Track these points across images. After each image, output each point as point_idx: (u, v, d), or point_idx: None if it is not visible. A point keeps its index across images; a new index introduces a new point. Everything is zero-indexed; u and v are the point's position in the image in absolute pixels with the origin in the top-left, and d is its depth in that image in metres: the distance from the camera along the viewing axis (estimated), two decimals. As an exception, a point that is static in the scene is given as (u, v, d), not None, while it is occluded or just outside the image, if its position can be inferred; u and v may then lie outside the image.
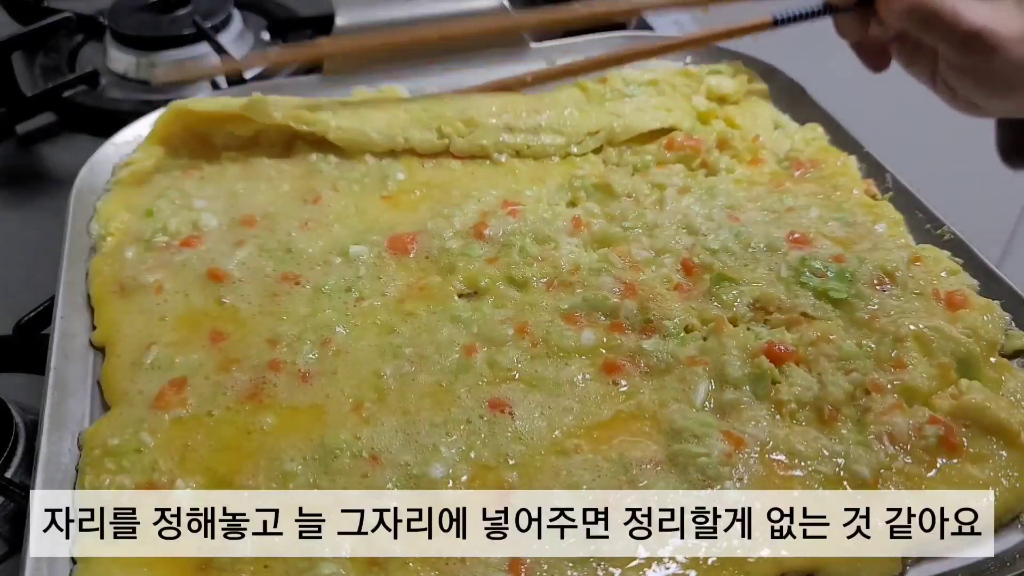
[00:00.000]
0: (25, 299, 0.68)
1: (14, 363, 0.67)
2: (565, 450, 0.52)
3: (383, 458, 0.52)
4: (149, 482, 0.52)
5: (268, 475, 0.52)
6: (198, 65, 0.98)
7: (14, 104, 0.94)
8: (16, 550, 0.53)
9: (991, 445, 0.53)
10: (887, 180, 0.72)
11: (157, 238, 0.67)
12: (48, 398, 0.56)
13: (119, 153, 0.77)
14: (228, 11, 1.04)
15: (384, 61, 0.86)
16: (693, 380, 0.55)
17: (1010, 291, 0.62)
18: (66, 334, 0.61)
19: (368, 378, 0.57)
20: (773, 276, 0.62)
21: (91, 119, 0.95)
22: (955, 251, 0.65)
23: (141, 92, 0.99)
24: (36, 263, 0.75)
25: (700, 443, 0.51)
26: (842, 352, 0.56)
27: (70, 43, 1.08)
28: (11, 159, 0.94)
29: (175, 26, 1.00)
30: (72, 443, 0.55)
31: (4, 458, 0.57)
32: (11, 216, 0.86)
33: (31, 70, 1.03)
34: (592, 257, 0.64)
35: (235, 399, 0.56)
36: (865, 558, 0.48)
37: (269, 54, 1.00)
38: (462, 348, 0.58)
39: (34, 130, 0.96)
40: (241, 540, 0.49)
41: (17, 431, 0.59)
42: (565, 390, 0.55)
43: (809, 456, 0.52)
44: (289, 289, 0.63)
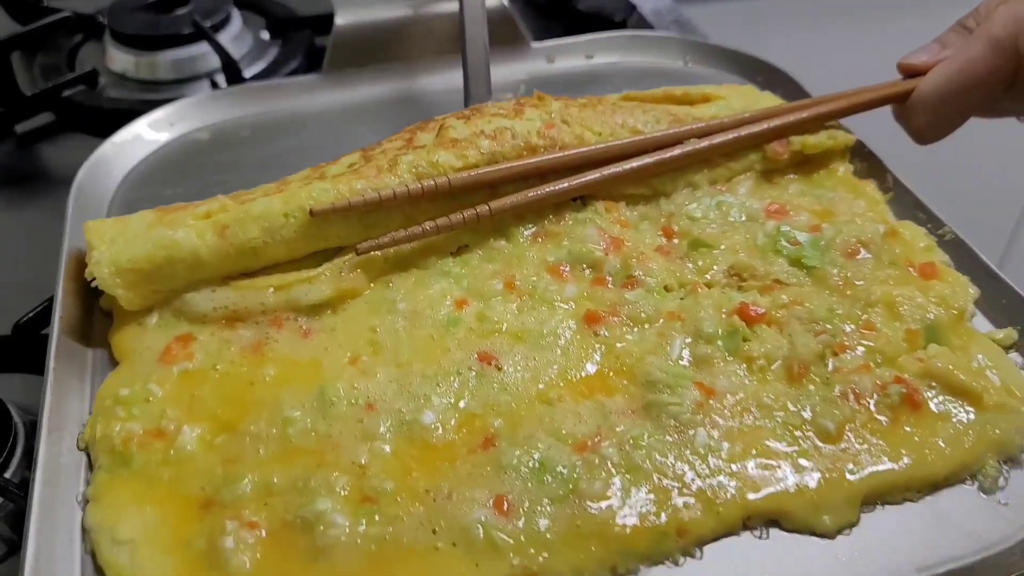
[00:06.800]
0: (24, 299, 0.68)
1: (13, 363, 0.66)
2: (549, 400, 0.55)
3: (378, 406, 0.55)
4: (157, 428, 0.55)
5: (269, 421, 0.55)
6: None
7: (13, 104, 0.94)
8: (16, 550, 0.54)
9: (953, 405, 0.55)
10: (888, 180, 0.73)
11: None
12: (47, 398, 0.55)
13: (118, 153, 0.78)
14: (227, 11, 1.05)
15: (385, 61, 0.87)
16: (670, 335, 0.59)
17: (1010, 291, 0.62)
18: (65, 334, 0.60)
19: (364, 333, 0.60)
20: (749, 244, 0.65)
21: (90, 119, 0.95)
22: (955, 251, 0.66)
23: (140, 91, 0.99)
24: (35, 263, 0.74)
25: (673, 393, 0.55)
26: (812, 315, 0.59)
27: (69, 43, 1.08)
28: (10, 159, 0.94)
29: (174, 25, 1.01)
30: (71, 443, 0.55)
31: (3, 458, 0.56)
32: (10, 216, 0.86)
33: (30, 70, 1.03)
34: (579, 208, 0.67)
35: (239, 353, 0.59)
36: (824, 502, 0.51)
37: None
38: (454, 302, 0.61)
39: (33, 130, 0.96)
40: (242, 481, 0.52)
41: (16, 431, 0.58)
42: (549, 342, 0.59)
43: (777, 408, 0.55)
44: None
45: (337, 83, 0.88)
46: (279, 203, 0.61)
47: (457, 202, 0.63)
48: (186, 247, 0.61)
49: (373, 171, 0.61)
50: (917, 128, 0.70)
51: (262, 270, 0.64)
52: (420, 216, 0.62)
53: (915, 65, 0.71)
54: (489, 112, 0.67)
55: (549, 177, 0.64)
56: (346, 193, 0.60)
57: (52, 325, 0.60)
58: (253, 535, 0.49)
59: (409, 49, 0.89)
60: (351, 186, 0.61)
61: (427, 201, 0.62)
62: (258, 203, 0.61)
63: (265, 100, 0.87)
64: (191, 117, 0.85)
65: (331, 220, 0.61)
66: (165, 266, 0.61)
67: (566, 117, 0.67)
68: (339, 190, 0.61)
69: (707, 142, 0.68)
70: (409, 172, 0.62)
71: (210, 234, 0.61)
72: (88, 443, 0.55)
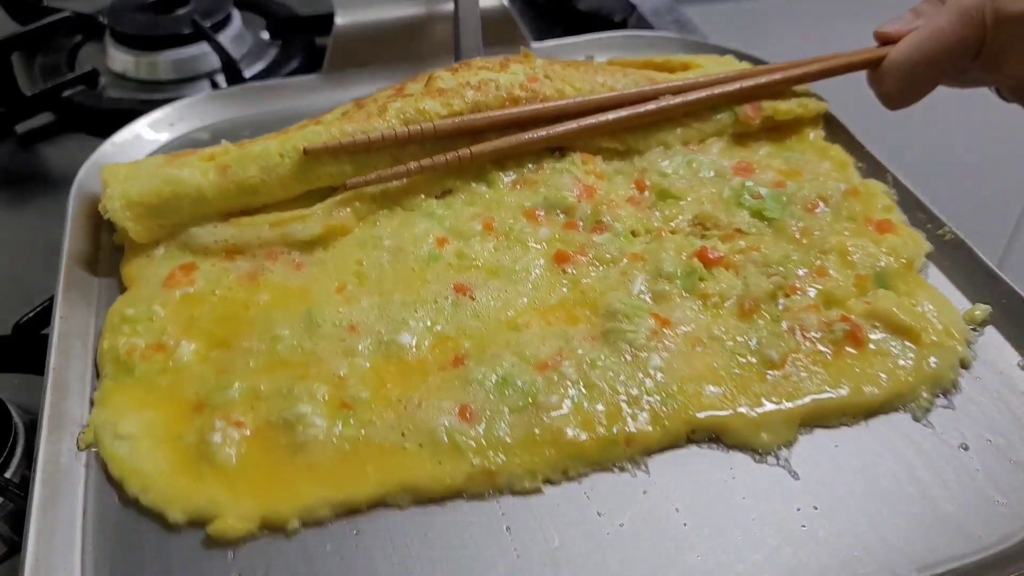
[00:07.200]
0: (24, 299, 0.68)
1: (13, 363, 0.66)
2: (516, 326, 0.60)
3: (360, 328, 0.60)
4: (158, 343, 0.60)
5: (260, 338, 0.60)
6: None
7: (14, 104, 0.95)
8: (16, 550, 0.54)
9: (894, 343, 0.59)
10: (888, 180, 0.73)
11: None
12: (47, 398, 0.55)
13: (118, 153, 0.78)
14: (227, 11, 1.05)
15: (385, 61, 0.88)
16: (632, 273, 0.63)
17: (1010, 291, 0.62)
18: (66, 334, 0.60)
19: (351, 266, 0.65)
20: (715, 197, 0.69)
21: (90, 119, 0.95)
22: (955, 251, 0.66)
23: (141, 92, 0.99)
24: (35, 263, 0.75)
25: (631, 322, 0.59)
26: (767, 259, 0.63)
27: (69, 43, 1.08)
28: (10, 159, 0.93)
29: (175, 26, 1.01)
30: (71, 443, 0.55)
31: (3, 458, 0.56)
32: (10, 216, 0.86)
33: (31, 70, 1.03)
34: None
35: (237, 281, 0.64)
36: (764, 422, 0.55)
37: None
38: (436, 241, 0.66)
39: (34, 130, 0.96)
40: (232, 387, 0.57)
41: (16, 431, 0.58)
42: (521, 277, 0.63)
43: (727, 339, 0.59)
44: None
45: (337, 83, 0.88)
46: (275, 144, 0.67)
47: (441, 147, 0.68)
48: (191, 184, 0.66)
49: (364, 116, 0.66)
50: (887, 93, 0.73)
51: (261, 209, 0.69)
52: (407, 159, 0.67)
53: (889, 33, 0.74)
54: (476, 65, 0.72)
55: (528, 127, 0.69)
56: (337, 135, 0.66)
57: (53, 325, 0.60)
58: (239, 433, 0.54)
59: (409, 49, 0.90)
60: (342, 129, 0.66)
61: (413, 144, 0.67)
62: (257, 144, 0.67)
63: (265, 100, 0.88)
64: (191, 117, 0.85)
65: (323, 160, 0.66)
66: (171, 201, 0.66)
67: (549, 73, 0.72)
68: (331, 132, 0.66)
69: (681, 99, 0.72)
70: (397, 118, 0.67)
71: (212, 173, 0.66)
72: (97, 355, 0.61)
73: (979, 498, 0.52)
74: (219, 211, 0.68)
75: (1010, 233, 1.77)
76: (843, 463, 0.54)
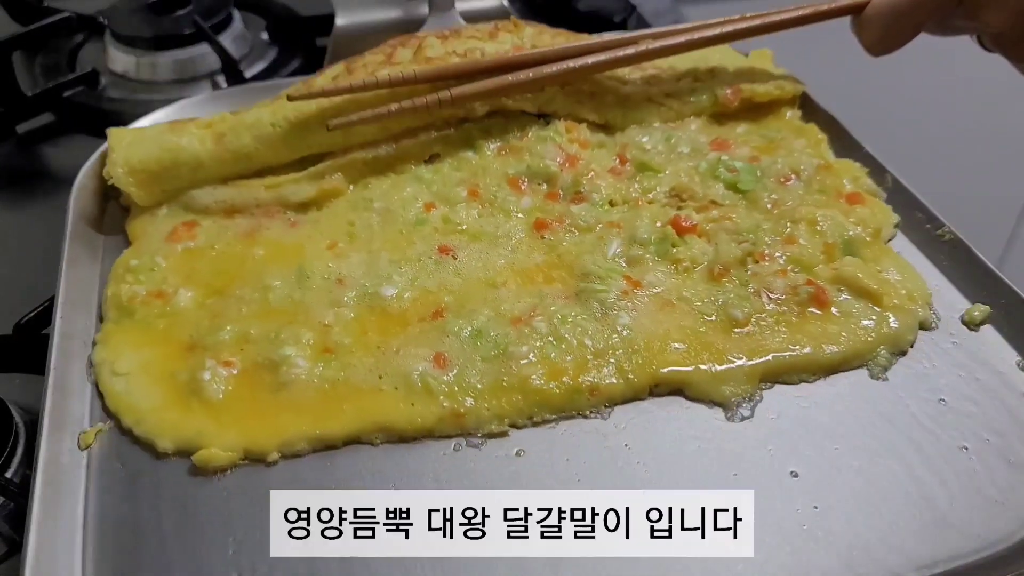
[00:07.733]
0: (25, 299, 0.68)
1: (14, 363, 0.66)
2: (495, 284, 0.63)
3: (347, 281, 0.64)
4: (159, 290, 0.64)
5: (253, 288, 0.64)
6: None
7: (14, 104, 0.95)
8: (16, 550, 0.54)
9: (857, 305, 0.61)
10: (887, 180, 0.72)
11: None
12: (48, 398, 0.56)
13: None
14: (228, 11, 1.05)
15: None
16: (608, 239, 0.66)
17: (1010, 291, 0.62)
18: (66, 334, 0.61)
19: (343, 226, 0.69)
20: (691, 170, 0.72)
21: (91, 119, 0.94)
22: (954, 251, 0.66)
23: (141, 92, 0.99)
24: (36, 263, 0.74)
25: (603, 283, 0.62)
26: (739, 228, 0.66)
27: (70, 43, 1.08)
28: (11, 159, 0.93)
29: (175, 26, 1.01)
30: (72, 443, 0.55)
31: (4, 458, 0.56)
32: (11, 216, 0.86)
33: (31, 70, 1.03)
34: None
35: (235, 237, 0.68)
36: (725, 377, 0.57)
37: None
38: (423, 205, 0.69)
39: (34, 130, 0.96)
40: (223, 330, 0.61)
41: (17, 431, 0.58)
42: (502, 242, 0.66)
43: (694, 299, 0.62)
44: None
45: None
46: (267, 114, 0.71)
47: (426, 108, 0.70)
48: (188, 151, 0.70)
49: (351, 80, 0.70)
50: (870, 40, 0.73)
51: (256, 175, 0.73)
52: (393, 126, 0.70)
53: None
54: (466, 34, 0.75)
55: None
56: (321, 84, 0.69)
57: (53, 325, 0.61)
58: (227, 371, 0.58)
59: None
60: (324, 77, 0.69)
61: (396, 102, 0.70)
62: (251, 113, 0.71)
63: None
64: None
65: (312, 128, 0.70)
66: (171, 168, 0.70)
67: (537, 42, 0.75)
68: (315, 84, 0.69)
69: (660, 43, 0.74)
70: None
71: (209, 141, 0.70)
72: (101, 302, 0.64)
73: (978, 498, 0.52)
74: (217, 176, 0.71)
75: (1010, 233, 1.78)
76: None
